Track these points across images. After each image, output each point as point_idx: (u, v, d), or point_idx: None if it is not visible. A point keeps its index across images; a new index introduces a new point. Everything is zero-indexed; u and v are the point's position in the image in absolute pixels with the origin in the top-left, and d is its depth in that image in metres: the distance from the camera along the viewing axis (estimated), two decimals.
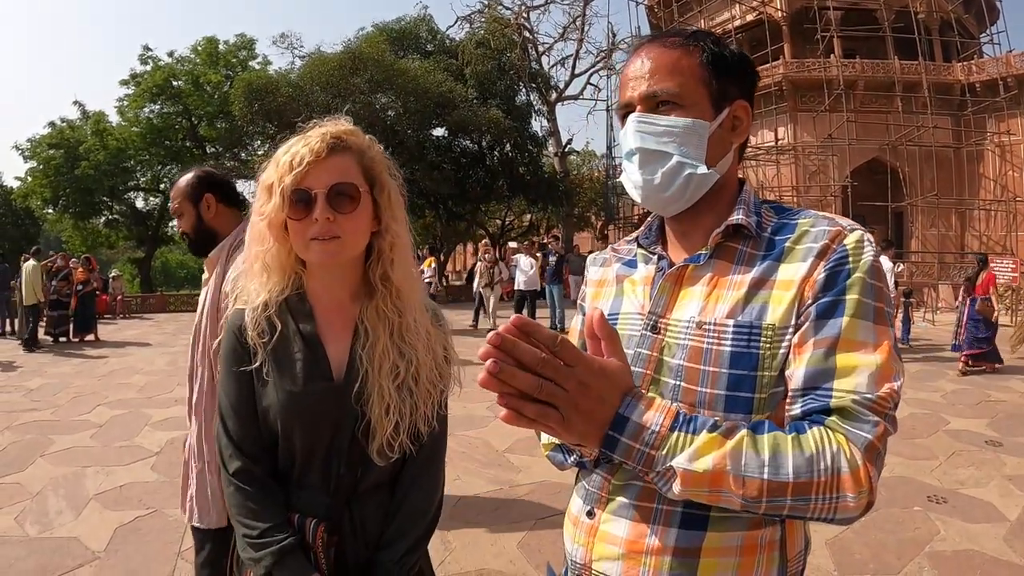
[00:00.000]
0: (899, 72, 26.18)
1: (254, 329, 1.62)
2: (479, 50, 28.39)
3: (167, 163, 35.72)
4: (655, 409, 1.04)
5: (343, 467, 1.63)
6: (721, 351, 1.19)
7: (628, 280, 1.43)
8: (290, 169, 1.52)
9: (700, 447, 1.02)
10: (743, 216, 1.25)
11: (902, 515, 4.94)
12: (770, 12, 27.80)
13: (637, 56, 1.31)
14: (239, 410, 1.65)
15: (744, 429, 1.05)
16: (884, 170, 25.32)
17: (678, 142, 1.24)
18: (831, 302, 1.13)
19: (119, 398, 9.20)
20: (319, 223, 1.53)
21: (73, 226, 37.26)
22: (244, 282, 1.69)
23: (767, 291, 1.19)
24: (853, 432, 1.06)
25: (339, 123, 1.63)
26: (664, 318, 1.28)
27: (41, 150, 34.40)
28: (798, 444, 1.04)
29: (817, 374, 1.11)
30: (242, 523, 1.60)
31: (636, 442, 1.02)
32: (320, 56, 27.82)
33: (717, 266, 1.26)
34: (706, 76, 1.26)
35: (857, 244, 1.17)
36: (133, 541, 4.64)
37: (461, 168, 28.43)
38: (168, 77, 33.82)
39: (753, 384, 1.17)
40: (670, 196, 1.28)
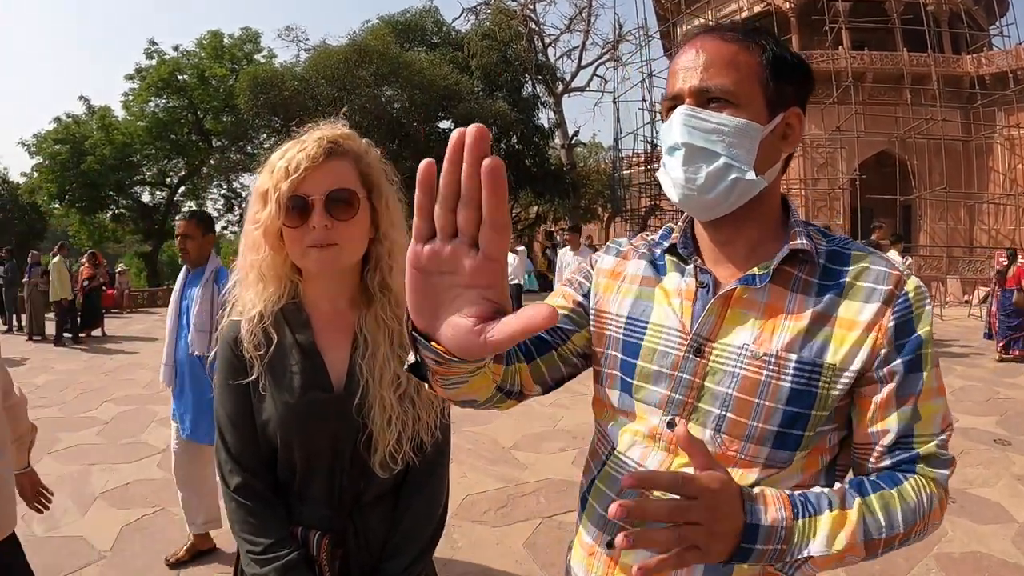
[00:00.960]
0: (908, 64, 25.95)
1: (250, 341, 1.59)
2: (485, 42, 28.35)
3: (173, 157, 35.91)
4: (773, 504, 1.04)
5: (345, 479, 1.61)
6: (780, 386, 1.15)
7: (660, 288, 1.33)
8: (286, 175, 1.48)
9: (830, 529, 1.05)
10: (806, 241, 1.20)
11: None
12: (778, 3, 27.69)
13: (691, 47, 1.22)
14: (237, 424, 1.62)
15: (856, 495, 1.10)
16: (893, 163, 25.11)
17: (727, 143, 1.16)
18: (914, 359, 1.14)
19: (125, 394, 9.20)
20: (316, 230, 1.49)
21: (80, 221, 37.31)
22: (239, 291, 1.65)
23: (829, 328, 1.16)
24: (939, 473, 1.15)
25: (336, 127, 1.60)
26: (712, 342, 1.21)
27: (47, 146, 34.44)
28: (903, 497, 1.11)
29: (906, 427, 1.14)
30: (245, 539, 1.58)
31: (769, 544, 1.02)
32: (325, 49, 27.84)
33: (773, 292, 1.20)
34: (764, 77, 1.18)
35: (918, 292, 1.17)
36: (139, 540, 4.63)
37: None
38: (173, 71, 33.91)
39: (807, 422, 1.15)
40: (712, 199, 1.19)
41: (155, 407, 8.31)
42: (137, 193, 37.56)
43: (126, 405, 8.58)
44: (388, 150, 12.51)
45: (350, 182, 1.54)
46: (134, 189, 37.05)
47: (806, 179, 26.24)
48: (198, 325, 3.96)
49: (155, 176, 37.03)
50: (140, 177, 36.60)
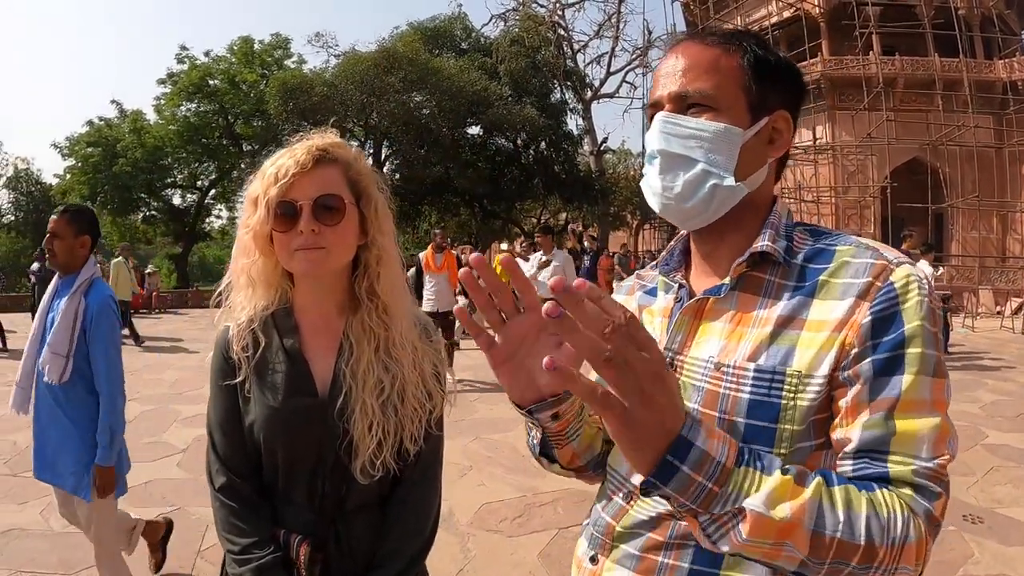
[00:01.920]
0: (939, 70, 25.67)
1: (238, 344, 1.62)
2: (513, 48, 28.43)
3: (204, 160, 36.37)
4: (718, 437, 0.87)
5: (327, 484, 1.62)
6: (739, 398, 1.08)
7: (647, 311, 1.33)
8: (275, 181, 1.51)
9: (776, 489, 0.86)
10: (769, 242, 1.13)
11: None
12: (807, 8, 27.48)
13: (672, 53, 1.20)
14: (225, 427, 1.66)
15: (817, 476, 0.92)
16: (924, 170, 24.84)
17: (706, 148, 1.12)
18: (890, 358, 1.00)
19: (150, 393, 9.27)
20: (304, 235, 1.52)
21: (111, 222, 37.80)
22: (231, 296, 1.68)
23: (795, 331, 1.07)
24: (917, 502, 0.95)
25: (326, 136, 1.63)
26: (681, 355, 1.18)
27: (79, 148, 35.11)
28: (872, 505, 0.91)
29: (874, 439, 0.99)
30: (226, 538, 1.61)
31: (699, 474, 0.84)
32: (355, 55, 28.15)
33: (741, 299, 1.15)
34: (745, 80, 1.14)
35: (906, 281, 1.03)
36: None
37: (496, 166, 28.58)
38: (204, 76, 34.38)
39: (771, 437, 1.05)
40: (691, 208, 1.15)
41: (179, 407, 8.39)
42: (168, 196, 38.07)
43: (150, 404, 8.63)
44: (416, 156, 12.65)
45: (338, 188, 1.57)
46: (165, 192, 37.57)
47: (836, 187, 26.06)
48: (53, 346, 3.26)
49: (186, 179, 37.53)
50: (171, 180, 37.11)
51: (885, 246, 1.11)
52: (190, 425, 7.50)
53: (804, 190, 25.73)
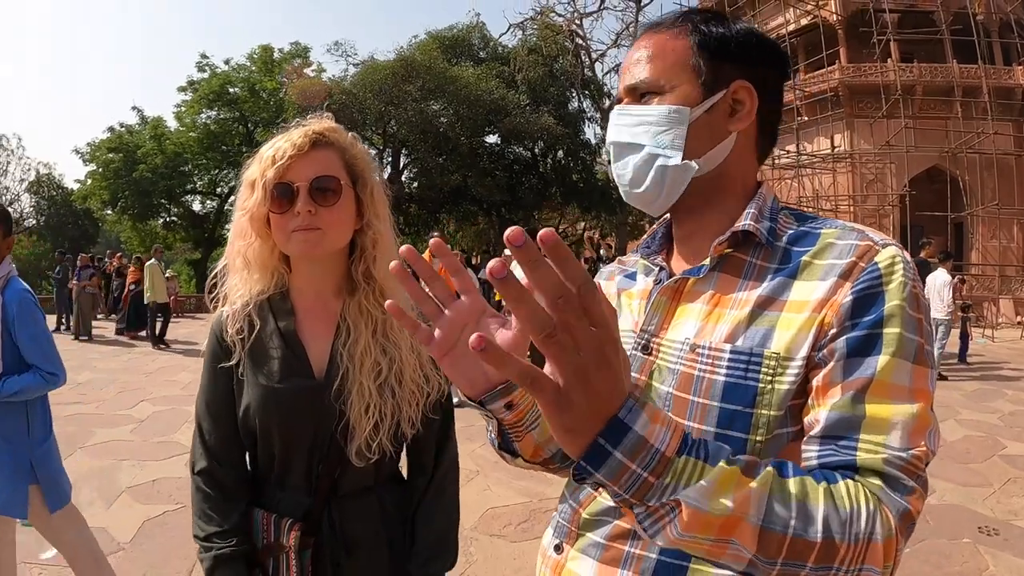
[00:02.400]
0: (958, 76, 25.41)
1: (232, 327, 1.63)
2: (531, 57, 28.45)
3: (224, 167, 36.71)
4: (661, 423, 0.76)
5: (322, 466, 1.63)
6: (714, 380, 1.03)
7: (626, 294, 1.31)
8: (272, 163, 1.54)
9: (717, 481, 0.77)
10: (752, 221, 1.10)
11: (949, 547, 4.64)
12: (825, 15, 27.30)
13: (632, 48, 1.21)
14: (214, 411, 1.67)
15: (768, 466, 0.83)
16: (943, 178, 24.62)
17: (653, 132, 1.12)
18: (866, 336, 0.95)
19: (163, 395, 9.42)
20: (301, 216, 1.54)
21: (131, 227, 38.31)
22: (228, 280, 1.70)
23: (775, 312, 1.02)
24: (889, 496, 0.87)
25: (323, 121, 1.65)
26: (657, 337, 1.15)
27: (100, 154, 35.51)
28: (831, 497, 0.83)
29: (842, 422, 0.93)
30: (195, 522, 1.64)
31: (633, 461, 0.74)
32: (373, 63, 28.29)
33: (721, 280, 1.11)
34: (693, 58, 1.13)
35: (891, 263, 0.99)
36: (158, 535, 4.76)
37: (514, 175, 28.57)
38: (224, 84, 34.90)
39: (747, 423, 0.99)
40: (645, 192, 1.15)
41: (191, 408, 8.31)
42: (188, 202, 38.49)
43: (163, 405, 8.78)
44: (434, 164, 12.77)
45: (334, 170, 1.59)
46: (185, 198, 37.96)
47: (855, 195, 25.88)
48: None
49: (206, 185, 37.91)
50: (191, 186, 37.45)
51: (871, 229, 1.08)
52: None
53: (822, 199, 25.55)
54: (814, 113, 26.49)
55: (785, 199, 26.16)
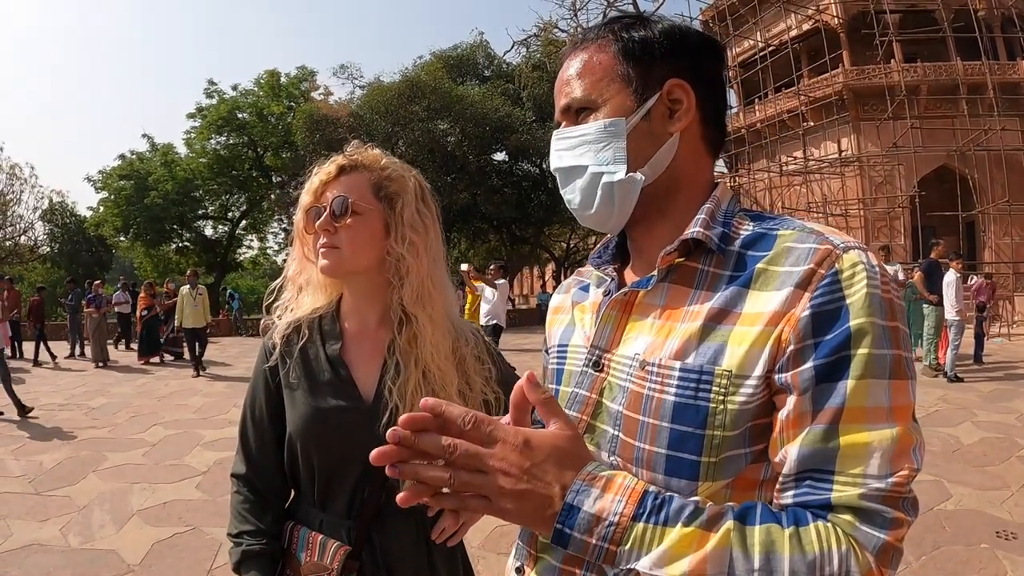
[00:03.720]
0: (962, 73, 25.38)
1: (281, 344, 1.70)
2: (536, 73, 28.45)
3: (234, 192, 37.12)
4: (614, 491, 0.83)
5: (368, 491, 1.64)
6: (663, 400, 0.97)
7: (579, 307, 1.25)
8: (309, 189, 1.67)
9: (673, 546, 0.80)
10: (701, 228, 1.04)
11: (967, 553, 4.52)
12: (826, 20, 27.31)
13: (561, 67, 1.15)
14: (256, 419, 1.73)
15: (729, 519, 0.82)
16: (953, 178, 24.52)
17: (594, 150, 1.08)
18: (833, 361, 0.87)
19: (175, 418, 9.58)
20: (319, 234, 1.63)
21: (144, 253, 38.60)
22: (283, 297, 1.79)
23: (728, 326, 0.96)
24: (863, 532, 0.83)
25: (364, 150, 1.73)
26: (608, 353, 1.09)
27: (112, 181, 35.87)
28: (798, 543, 0.81)
29: (814, 457, 0.87)
30: (231, 521, 1.70)
31: (591, 537, 0.82)
32: (379, 85, 28.50)
33: (671, 291, 1.05)
34: (621, 67, 1.08)
35: (852, 270, 0.91)
36: (168, 556, 4.85)
37: (523, 191, 28.62)
38: (233, 109, 35.13)
39: (699, 444, 0.94)
40: (597, 214, 1.11)
41: (203, 431, 8.62)
42: (200, 227, 38.79)
43: (175, 429, 8.88)
44: (443, 183, 12.95)
45: (357, 192, 1.64)
46: (197, 223, 38.27)
47: (864, 199, 25.84)
48: None
49: (217, 210, 38.27)
50: (203, 211, 37.84)
51: (833, 230, 1.01)
52: (212, 448, 7.76)
53: (832, 204, 25.56)
54: (820, 118, 26.59)
55: (794, 205, 26.20)
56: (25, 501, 6.01)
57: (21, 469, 7.03)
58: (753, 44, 28.31)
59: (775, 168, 27.11)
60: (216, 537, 5.07)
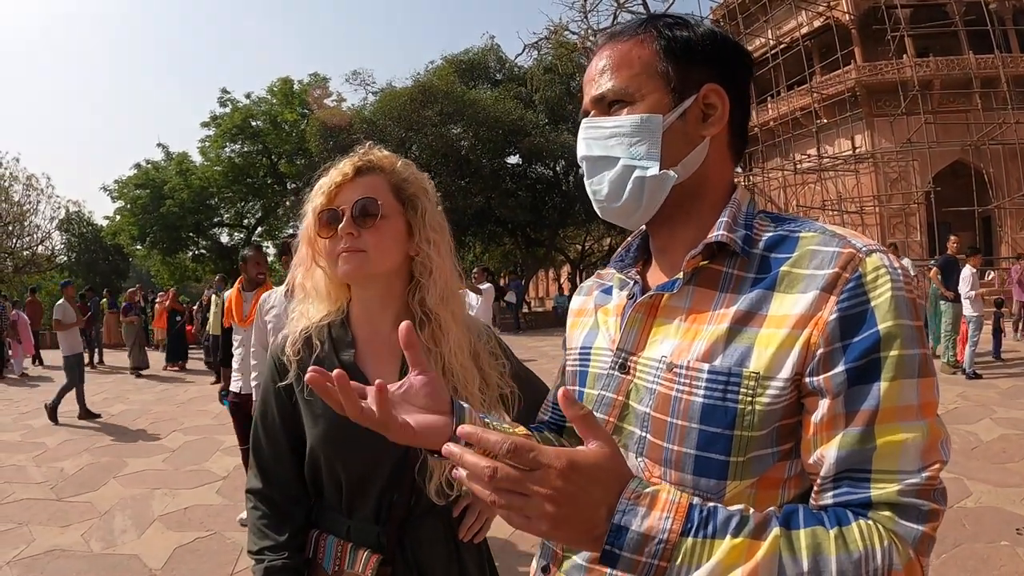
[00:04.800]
0: (975, 67, 25.06)
1: (293, 355, 1.65)
2: (547, 76, 28.54)
3: (249, 199, 37.38)
4: (660, 508, 0.83)
5: (396, 496, 1.63)
6: (691, 401, 1.00)
7: (602, 310, 1.27)
8: (321, 191, 1.62)
9: (723, 560, 0.81)
10: (725, 232, 1.06)
11: (987, 551, 4.53)
12: (837, 16, 27.12)
13: (594, 57, 1.16)
14: (269, 433, 1.70)
15: (776, 525, 0.84)
16: (968, 172, 24.32)
17: (627, 143, 1.08)
18: (864, 364, 0.90)
19: (195, 424, 9.71)
20: (343, 237, 1.58)
21: (161, 261, 38.85)
22: (294, 305, 1.75)
23: (754, 328, 0.99)
24: (903, 526, 0.86)
25: (376, 151, 1.69)
26: (634, 356, 1.11)
27: (128, 190, 36.24)
28: (843, 543, 0.83)
29: (852, 457, 0.90)
30: (250, 537, 1.69)
31: (641, 555, 0.82)
32: (392, 91, 28.61)
33: (697, 294, 1.07)
34: (661, 64, 1.09)
35: (876, 272, 0.94)
36: (190, 561, 4.90)
37: (537, 194, 28.57)
38: (247, 118, 35.38)
39: (728, 445, 0.98)
40: (624, 206, 1.11)
41: (222, 437, 8.68)
42: (216, 234, 39.06)
43: (195, 435, 8.99)
44: (457, 187, 12.99)
45: (378, 193, 1.62)
46: (213, 230, 38.58)
47: (879, 195, 25.64)
48: None
49: (233, 218, 38.57)
50: (218, 219, 38.17)
51: (853, 232, 1.03)
52: (232, 454, 7.76)
53: (846, 201, 25.41)
54: (833, 115, 26.38)
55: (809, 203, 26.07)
56: (47, 507, 6.09)
57: (43, 475, 7.14)
58: (764, 42, 28.17)
59: (789, 166, 27.01)
60: (237, 542, 5.12)
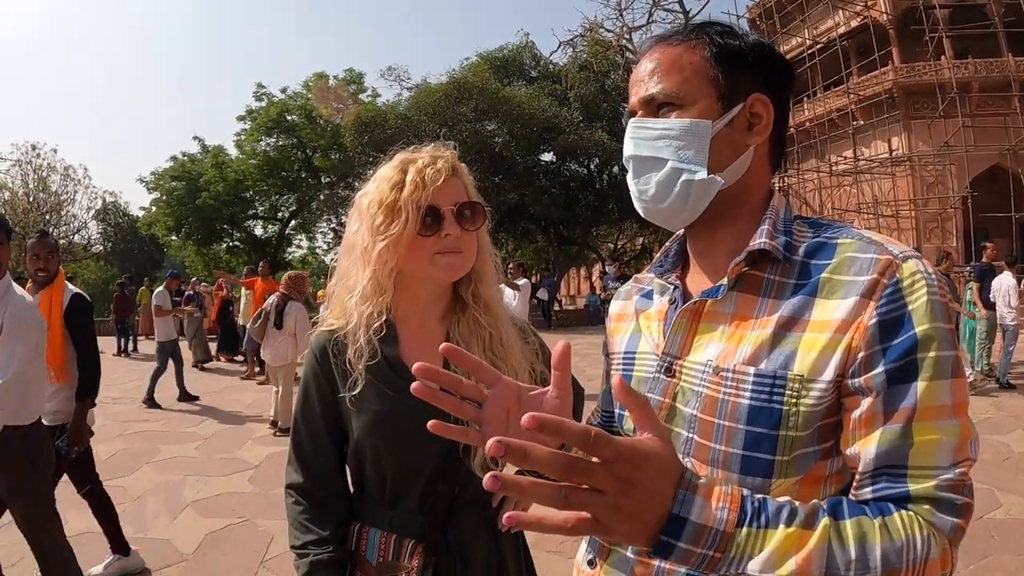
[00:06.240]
0: (1014, 70, 24.87)
1: (354, 354, 1.63)
2: (582, 74, 28.50)
3: (284, 193, 37.53)
4: (716, 499, 0.83)
5: (441, 484, 1.64)
6: (739, 403, 1.04)
7: (643, 315, 1.30)
8: (423, 187, 1.57)
9: (779, 548, 0.84)
10: (767, 239, 1.09)
11: (1016, 563, 4.48)
12: (875, 16, 26.94)
13: (643, 59, 1.19)
14: (311, 428, 1.69)
15: (824, 516, 0.87)
16: (1006, 177, 24.02)
17: (675, 147, 1.11)
18: (903, 365, 0.95)
19: (228, 412, 9.88)
20: (449, 237, 1.58)
21: (196, 252, 39.21)
22: (345, 302, 1.71)
23: (798, 333, 1.03)
24: (940, 518, 0.91)
25: (445, 148, 1.70)
26: (680, 359, 1.15)
27: (164, 182, 36.51)
28: (887, 532, 0.88)
29: (891, 454, 0.94)
30: (291, 532, 1.68)
31: (697, 546, 0.82)
32: (426, 87, 28.66)
33: (740, 300, 1.11)
34: (711, 71, 1.12)
35: (913, 278, 0.98)
36: (221, 547, 5.00)
37: (570, 192, 28.54)
38: (282, 112, 35.48)
39: (774, 445, 1.02)
40: (669, 208, 1.14)
41: (254, 425, 8.90)
42: (250, 227, 39.30)
43: (227, 423, 9.16)
44: (491, 183, 13.34)
45: (473, 197, 1.66)
46: (247, 223, 38.78)
47: (915, 199, 25.46)
48: None
49: (267, 211, 38.78)
50: (253, 212, 38.35)
51: (889, 239, 1.07)
52: (264, 443, 7.95)
53: (882, 204, 25.27)
54: (869, 116, 26.24)
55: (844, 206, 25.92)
56: None
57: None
58: (801, 42, 28.09)
59: (824, 168, 26.90)
60: (269, 529, 5.23)
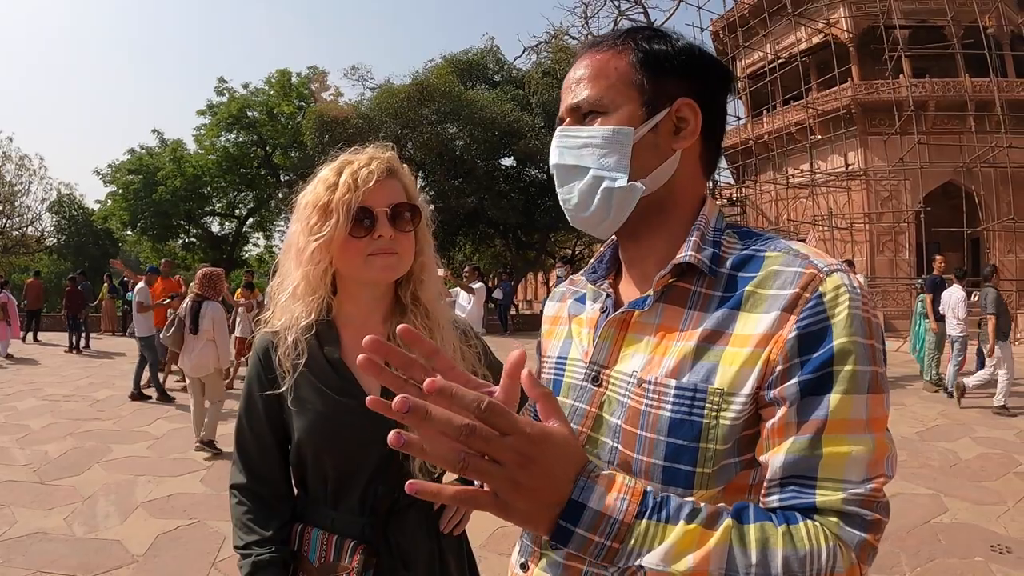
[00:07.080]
0: (971, 90, 25.15)
1: (283, 353, 1.65)
2: (545, 79, 28.53)
3: (242, 190, 37.40)
4: (617, 490, 0.85)
5: (382, 486, 1.64)
6: (660, 415, 1.03)
7: (576, 320, 1.29)
8: (354, 188, 1.57)
9: (677, 543, 0.84)
10: (693, 252, 1.08)
11: (961, 567, 4.62)
12: (836, 33, 27.19)
13: (573, 66, 1.18)
14: (255, 429, 1.70)
15: (727, 517, 0.87)
16: (959, 194, 24.38)
17: (598, 154, 1.10)
18: (818, 377, 0.94)
19: (180, 412, 9.67)
20: (383, 239, 1.59)
21: (151, 247, 38.76)
22: (280, 302, 1.71)
23: (720, 347, 1.02)
24: (847, 532, 0.90)
25: (384, 149, 1.69)
26: (607, 369, 1.14)
27: (121, 175, 36.32)
28: (790, 539, 0.87)
29: (800, 464, 0.94)
30: (235, 532, 1.68)
31: (595, 534, 0.83)
32: (390, 87, 28.59)
33: (666, 312, 1.10)
34: (637, 77, 1.11)
35: (836, 292, 0.97)
36: (172, 548, 4.94)
37: (530, 197, 28.59)
38: (243, 108, 35.35)
39: (694, 457, 1.01)
40: (592, 216, 1.14)
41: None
42: (207, 223, 39.07)
43: (180, 423, 8.99)
44: (450, 187, 13.21)
45: (407, 198, 1.66)
46: (204, 219, 38.58)
47: (870, 213, 25.65)
48: None
49: (224, 207, 38.58)
50: (210, 208, 38.18)
51: (817, 252, 1.06)
52: (220, 443, 7.79)
53: (837, 217, 25.47)
54: (827, 131, 26.41)
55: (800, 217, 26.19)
56: (30, 489, 6.12)
57: (26, 458, 7.15)
58: (762, 56, 28.26)
59: (781, 180, 27.06)
60: (220, 531, 5.14)
